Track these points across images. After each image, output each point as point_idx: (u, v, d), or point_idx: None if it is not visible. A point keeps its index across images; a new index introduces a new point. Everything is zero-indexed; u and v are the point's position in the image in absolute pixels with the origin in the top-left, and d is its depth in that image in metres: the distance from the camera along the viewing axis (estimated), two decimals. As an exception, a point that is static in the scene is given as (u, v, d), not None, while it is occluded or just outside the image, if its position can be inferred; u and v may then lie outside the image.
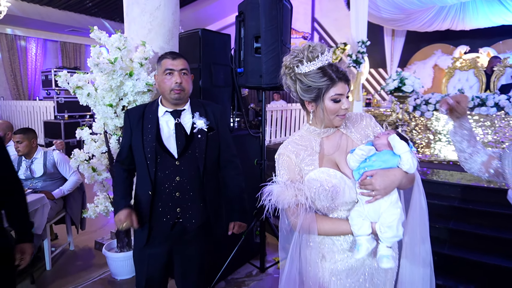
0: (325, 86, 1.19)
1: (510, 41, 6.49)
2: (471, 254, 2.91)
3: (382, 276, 1.30)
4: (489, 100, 4.48)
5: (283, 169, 1.30)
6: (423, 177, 3.99)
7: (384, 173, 1.16)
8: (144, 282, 1.87)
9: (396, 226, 1.15)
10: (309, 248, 1.32)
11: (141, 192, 1.80)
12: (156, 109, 1.81)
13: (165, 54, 1.86)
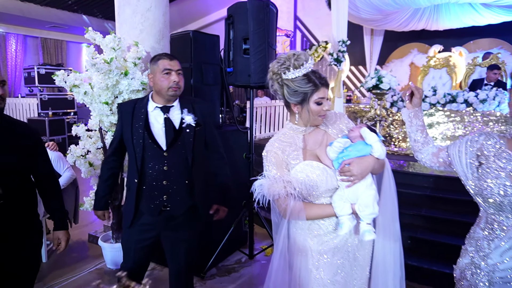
0: (310, 91, 1.38)
1: (480, 41, 6.88)
2: (441, 237, 3.20)
3: (362, 251, 1.51)
4: (459, 97, 4.81)
5: (271, 165, 1.46)
6: (399, 169, 4.28)
7: (359, 160, 1.37)
8: (129, 263, 2.04)
9: (372, 204, 1.36)
10: (298, 233, 1.50)
11: (130, 180, 1.97)
12: (146, 104, 1.96)
13: (161, 55, 2.01)
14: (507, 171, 1.26)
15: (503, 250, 1.26)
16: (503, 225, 1.27)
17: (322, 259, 1.47)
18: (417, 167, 4.34)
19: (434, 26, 6.73)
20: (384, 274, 1.48)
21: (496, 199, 1.26)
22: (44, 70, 7.78)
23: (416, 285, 2.95)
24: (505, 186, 1.24)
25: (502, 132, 1.40)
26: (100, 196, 2.11)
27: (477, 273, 1.33)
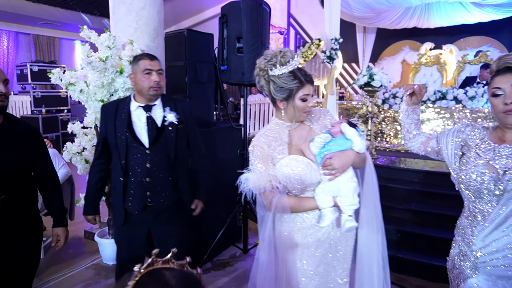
0: (296, 88, 1.42)
1: (470, 38, 6.99)
2: (430, 230, 3.30)
3: (343, 244, 1.57)
4: (449, 94, 4.91)
5: (257, 159, 1.49)
6: (390, 165, 4.37)
7: (340, 154, 1.42)
8: (123, 258, 2.11)
9: (352, 195, 1.42)
10: (283, 226, 1.55)
11: (116, 179, 2.02)
12: (129, 104, 2.01)
13: (142, 55, 2.06)
14: (485, 160, 1.34)
15: (484, 235, 1.33)
16: (483, 211, 1.35)
17: (306, 252, 1.52)
18: (408, 163, 4.44)
19: (426, 24, 6.82)
20: (368, 264, 1.54)
21: (475, 186, 1.34)
22: (37, 67, 7.74)
23: (406, 277, 3.04)
24: (482, 174, 1.32)
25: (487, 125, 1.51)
26: (90, 201, 2.14)
27: (464, 260, 1.41)
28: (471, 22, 6.41)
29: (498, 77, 1.32)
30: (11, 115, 1.78)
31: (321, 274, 1.54)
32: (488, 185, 1.31)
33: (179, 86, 3.03)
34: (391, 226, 3.45)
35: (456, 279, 1.47)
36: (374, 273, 1.54)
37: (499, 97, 1.31)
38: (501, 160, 1.31)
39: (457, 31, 6.93)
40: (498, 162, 1.32)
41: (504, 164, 1.30)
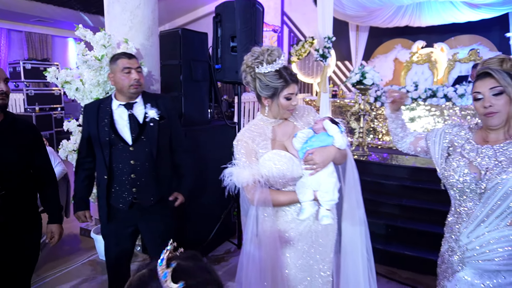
0: (281, 87, 1.47)
1: (460, 37, 7.09)
2: (419, 225, 3.39)
3: (324, 237, 1.61)
4: (439, 92, 5.01)
5: (241, 153, 1.52)
6: (382, 162, 4.46)
7: (322, 150, 1.47)
8: (111, 254, 2.17)
9: (332, 191, 1.47)
10: (266, 220, 1.57)
11: (100, 177, 2.06)
12: (110, 103, 2.05)
13: (119, 54, 2.09)
14: (468, 160, 1.41)
15: (469, 232, 1.40)
16: (467, 209, 1.42)
17: (289, 245, 1.57)
18: (400, 159, 4.53)
19: (417, 22, 6.91)
20: (353, 256, 1.60)
21: (458, 186, 1.41)
22: (30, 65, 7.72)
23: (396, 270, 3.13)
24: (465, 174, 1.39)
25: (477, 124, 1.58)
26: (79, 198, 2.17)
27: (452, 255, 1.48)
28: (461, 21, 6.51)
29: (478, 82, 1.39)
30: (11, 113, 1.82)
31: (305, 267, 1.58)
32: (470, 185, 1.37)
33: (174, 84, 3.08)
34: (382, 221, 3.53)
35: (444, 273, 1.54)
36: (359, 265, 1.59)
37: (479, 101, 1.38)
38: (483, 160, 1.38)
39: (448, 29, 7.02)
40: (480, 162, 1.39)
41: (485, 164, 1.37)
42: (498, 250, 1.33)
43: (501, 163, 1.34)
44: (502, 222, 1.35)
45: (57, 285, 2.84)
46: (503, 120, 1.36)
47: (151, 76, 3.49)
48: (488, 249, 1.35)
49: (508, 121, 1.36)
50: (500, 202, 1.33)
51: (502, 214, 1.34)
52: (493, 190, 1.33)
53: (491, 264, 1.35)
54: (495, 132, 1.41)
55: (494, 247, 1.34)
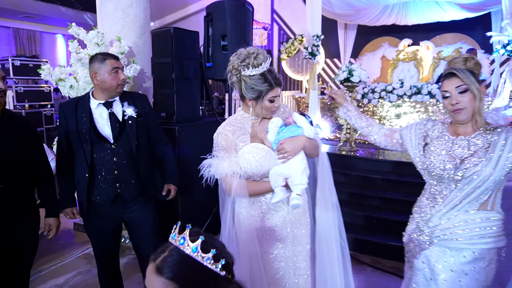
0: (265, 90, 1.54)
1: (445, 35, 7.29)
2: (402, 216, 3.50)
3: (299, 230, 1.70)
4: (424, 89, 5.18)
5: (221, 146, 1.58)
6: (369, 157, 4.60)
7: (292, 139, 1.57)
8: (98, 248, 2.25)
9: (301, 175, 1.55)
10: (242, 212, 1.64)
11: (80, 174, 2.08)
12: (88, 102, 2.08)
13: (106, 54, 2.12)
14: (446, 150, 1.55)
15: (442, 214, 1.54)
16: (442, 194, 1.56)
17: (265, 235, 1.65)
18: (386, 154, 4.68)
19: (403, 21, 7.08)
20: (327, 243, 1.68)
21: (438, 173, 1.55)
22: (19, 61, 7.66)
23: (380, 260, 3.28)
24: (444, 162, 1.52)
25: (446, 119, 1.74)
26: (65, 195, 2.18)
27: (421, 234, 1.62)
28: (446, 20, 6.70)
29: (445, 81, 1.53)
30: (9, 110, 1.89)
31: (281, 257, 1.66)
32: (449, 172, 1.51)
33: (166, 82, 3.16)
34: (368, 213, 3.68)
35: (412, 251, 1.70)
36: (333, 250, 1.67)
37: (447, 98, 1.52)
38: (458, 150, 1.52)
39: (433, 28, 7.21)
40: (456, 152, 1.52)
41: (460, 153, 1.51)
42: (463, 231, 1.49)
43: (476, 152, 1.47)
44: (471, 207, 1.50)
45: (52, 278, 2.91)
46: (469, 115, 1.50)
47: (143, 74, 3.56)
48: (455, 230, 1.50)
49: (474, 115, 1.50)
50: (473, 190, 1.47)
51: (473, 200, 1.49)
52: (469, 179, 1.46)
53: (455, 243, 1.50)
54: (463, 126, 1.55)
55: (460, 229, 1.49)
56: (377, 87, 5.56)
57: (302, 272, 1.71)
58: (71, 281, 2.85)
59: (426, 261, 1.59)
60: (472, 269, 1.50)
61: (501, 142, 1.44)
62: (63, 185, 2.18)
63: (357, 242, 3.46)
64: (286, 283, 1.67)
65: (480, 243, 1.48)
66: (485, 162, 1.44)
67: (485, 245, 1.48)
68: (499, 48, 4.39)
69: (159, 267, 0.84)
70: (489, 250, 1.50)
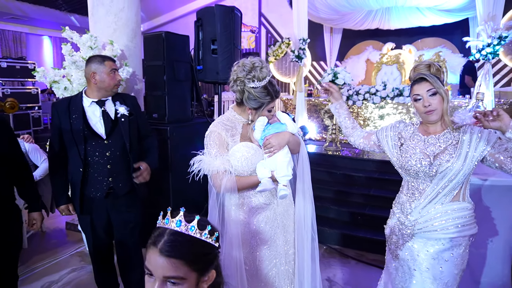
0: (267, 102, 1.66)
1: (426, 39, 7.56)
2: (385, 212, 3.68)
3: (288, 220, 1.83)
4: (405, 91, 5.40)
5: (213, 144, 1.65)
6: (354, 157, 4.78)
7: (277, 135, 1.68)
8: (92, 244, 2.35)
9: (286, 167, 1.67)
10: (232, 208, 1.72)
11: (74, 170, 2.20)
12: (81, 100, 2.20)
13: (104, 57, 2.27)
14: (420, 148, 1.69)
15: (421, 208, 1.67)
16: (419, 189, 1.69)
17: (257, 228, 1.75)
18: (370, 154, 4.87)
19: (387, 25, 7.32)
20: (304, 227, 1.81)
21: (414, 169, 1.68)
22: (6, 63, 7.62)
23: (364, 253, 3.44)
24: (419, 159, 1.66)
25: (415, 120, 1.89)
26: (60, 192, 2.27)
27: (403, 228, 1.74)
28: (426, 25, 6.97)
29: (415, 86, 1.66)
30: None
31: (273, 247, 1.78)
32: (425, 168, 1.64)
33: (158, 84, 3.26)
34: (352, 209, 3.85)
35: (395, 244, 1.81)
36: (304, 239, 1.79)
37: (419, 101, 1.65)
38: (430, 147, 1.66)
39: (415, 32, 7.48)
40: (429, 149, 1.66)
41: (433, 150, 1.65)
42: (440, 221, 1.63)
43: (446, 149, 1.62)
44: (446, 199, 1.64)
45: (46, 275, 2.98)
46: (440, 115, 1.65)
47: (135, 76, 3.66)
48: (433, 222, 1.64)
49: (442, 115, 1.65)
50: (447, 183, 1.61)
51: (447, 193, 1.63)
52: (443, 173, 1.60)
53: (435, 233, 1.64)
54: (433, 125, 1.70)
55: (438, 220, 1.63)
56: (361, 89, 5.76)
57: (290, 259, 1.83)
58: (65, 278, 2.92)
59: (409, 252, 1.73)
60: (451, 255, 1.64)
61: (467, 140, 1.59)
62: (56, 183, 2.25)
63: (342, 237, 3.62)
64: (278, 271, 1.78)
65: (456, 231, 1.62)
66: (455, 158, 1.58)
67: (460, 232, 1.62)
68: (475, 52, 4.63)
69: (164, 250, 0.92)
70: (464, 237, 1.64)
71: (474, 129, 1.62)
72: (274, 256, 1.78)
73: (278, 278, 1.79)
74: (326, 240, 3.66)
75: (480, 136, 1.58)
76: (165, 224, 0.98)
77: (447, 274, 1.66)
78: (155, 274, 0.93)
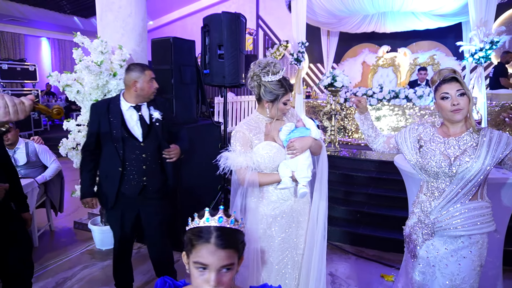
0: (281, 94, 1.83)
1: (421, 43, 7.77)
2: (383, 210, 3.88)
3: (303, 216, 1.97)
4: (401, 93, 5.57)
5: (238, 142, 1.82)
6: (352, 157, 4.93)
7: (301, 139, 1.84)
8: (119, 239, 2.49)
9: (306, 170, 1.84)
10: (252, 201, 1.88)
11: (111, 168, 2.34)
12: (119, 104, 2.35)
13: (144, 66, 2.41)
14: (440, 150, 1.77)
15: (440, 207, 1.75)
16: (439, 189, 1.77)
17: (274, 221, 1.90)
18: (368, 154, 5.03)
19: (382, 29, 7.51)
20: (316, 224, 1.96)
21: (434, 170, 1.75)
22: (7, 65, 7.69)
23: (364, 249, 3.59)
24: (440, 161, 1.74)
25: (433, 122, 1.95)
26: (87, 186, 2.41)
27: (423, 227, 1.81)
28: (421, 29, 7.16)
29: (445, 85, 1.73)
30: None
31: (286, 240, 1.94)
32: (445, 169, 1.72)
33: (166, 87, 3.38)
34: (352, 208, 4.00)
35: (414, 242, 1.88)
36: (320, 228, 1.95)
37: (447, 100, 1.72)
38: (450, 149, 1.74)
39: (410, 35, 7.68)
40: (449, 151, 1.74)
41: (453, 152, 1.73)
42: (460, 220, 1.71)
43: (466, 150, 1.70)
44: (465, 198, 1.72)
45: (59, 271, 3.08)
46: (465, 115, 1.72)
47: (142, 79, 3.78)
48: (453, 220, 1.72)
49: (467, 116, 1.73)
50: (466, 182, 1.69)
51: (467, 192, 1.71)
52: (462, 174, 1.68)
53: (454, 231, 1.72)
54: (454, 126, 1.77)
55: (457, 218, 1.72)
56: (359, 91, 5.92)
57: (300, 252, 1.98)
58: (78, 274, 3.03)
59: (429, 250, 1.80)
60: (469, 252, 1.72)
61: (487, 142, 1.67)
62: (86, 177, 2.40)
63: (342, 234, 3.77)
64: (289, 261, 1.94)
65: (475, 229, 1.70)
66: (474, 158, 1.65)
67: (479, 230, 1.71)
68: (467, 56, 4.81)
69: (219, 243, 1.05)
70: (482, 234, 1.73)
71: (494, 132, 1.70)
72: (286, 248, 1.93)
73: (288, 267, 1.94)
74: (328, 237, 3.76)
75: (500, 139, 1.66)
76: (205, 222, 1.10)
77: (464, 270, 1.73)
78: (212, 266, 1.05)
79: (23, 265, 2.10)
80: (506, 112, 1.76)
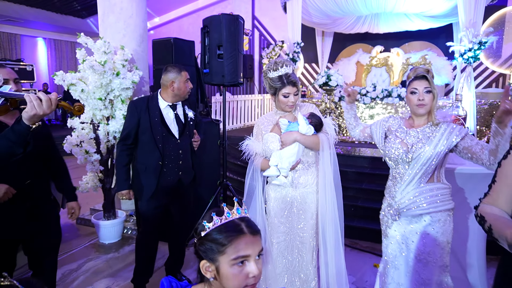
0: (279, 87, 2.01)
1: (413, 43, 7.94)
2: (376, 204, 3.99)
3: (304, 205, 2.11)
4: (394, 92, 5.73)
5: (254, 132, 2.18)
6: (346, 154, 5.08)
7: (286, 133, 2.03)
8: (148, 229, 2.62)
9: (285, 162, 2.00)
10: (268, 187, 2.18)
11: (152, 163, 2.50)
12: (157, 102, 2.51)
13: (180, 67, 2.53)
14: (401, 139, 1.99)
15: (401, 190, 1.96)
16: (400, 173, 1.99)
17: (274, 204, 2.15)
18: (362, 151, 5.18)
19: (376, 29, 7.67)
20: (325, 217, 2.09)
21: (394, 157, 1.98)
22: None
23: (358, 241, 3.74)
24: (398, 148, 1.96)
25: (403, 115, 2.24)
26: (124, 179, 2.54)
27: (390, 209, 2.03)
28: (413, 29, 7.33)
29: (416, 81, 1.95)
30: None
31: (285, 224, 2.14)
32: (402, 155, 1.94)
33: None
34: (346, 202, 4.07)
35: (386, 223, 2.11)
36: (330, 223, 2.08)
37: (415, 94, 1.94)
38: (410, 138, 1.97)
39: (403, 36, 7.84)
40: (408, 140, 1.97)
41: (411, 141, 1.95)
42: (419, 200, 1.92)
43: (422, 140, 1.92)
44: (422, 181, 1.93)
45: (64, 264, 3.18)
46: (428, 110, 1.95)
47: (143, 79, 3.90)
48: (414, 201, 1.94)
49: (430, 111, 1.95)
50: (421, 167, 1.90)
51: (422, 176, 1.92)
52: (417, 159, 1.90)
53: (415, 210, 1.93)
54: (419, 119, 2.00)
55: (417, 199, 1.93)
56: (353, 91, 6.07)
57: (305, 240, 2.13)
58: (83, 266, 3.14)
59: (397, 229, 2.02)
60: (432, 229, 1.92)
61: (441, 132, 1.89)
62: (123, 171, 2.53)
63: (337, 227, 3.91)
64: (289, 243, 2.15)
65: (432, 207, 1.91)
66: (427, 145, 1.88)
67: (436, 208, 1.91)
68: (457, 56, 4.98)
69: (252, 231, 1.05)
70: (441, 212, 1.92)
71: (450, 124, 1.92)
72: (287, 232, 2.13)
73: (288, 249, 2.15)
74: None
75: (453, 130, 1.88)
76: (227, 217, 1.08)
77: (429, 245, 1.94)
78: (253, 254, 1.03)
79: (55, 255, 2.25)
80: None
